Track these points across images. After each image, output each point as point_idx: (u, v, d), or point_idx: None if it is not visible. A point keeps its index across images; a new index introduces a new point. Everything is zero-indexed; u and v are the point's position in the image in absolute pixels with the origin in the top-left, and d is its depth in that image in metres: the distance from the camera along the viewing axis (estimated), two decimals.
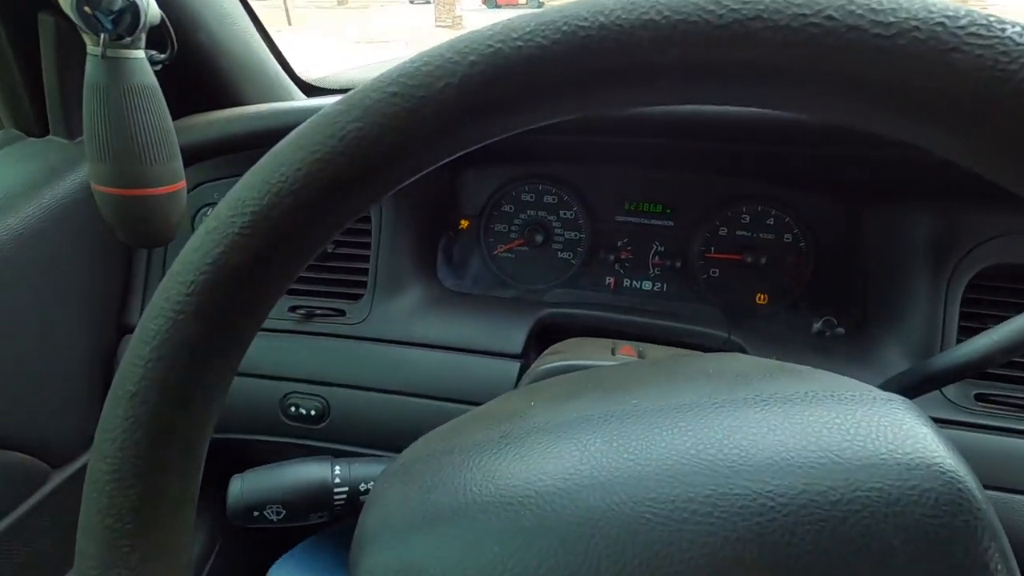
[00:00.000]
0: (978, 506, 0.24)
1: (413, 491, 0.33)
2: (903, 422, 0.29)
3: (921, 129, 0.19)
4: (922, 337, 0.67)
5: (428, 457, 0.34)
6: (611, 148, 0.77)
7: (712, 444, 0.27)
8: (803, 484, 0.25)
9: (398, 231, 0.76)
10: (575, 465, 0.27)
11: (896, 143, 0.59)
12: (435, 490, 0.31)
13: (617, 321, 0.75)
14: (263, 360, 0.74)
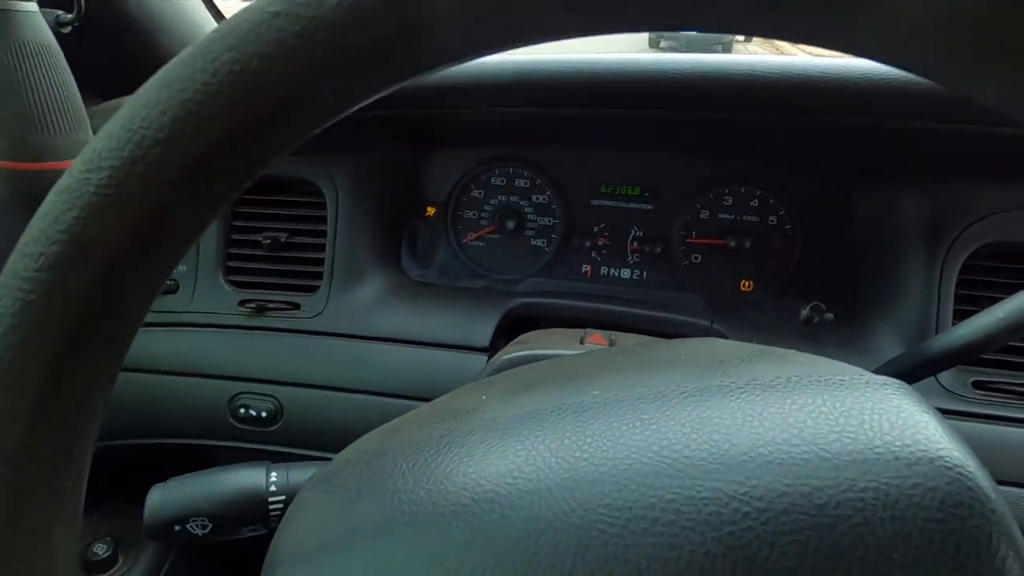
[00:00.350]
0: (992, 507, 0.21)
1: (335, 502, 0.29)
2: (900, 409, 0.25)
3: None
4: (916, 321, 0.62)
5: (358, 461, 0.30)
6: (585, 127, 0.72)
7: (678, 439, 0.23)
8: (784, 484, 0.21)
9: (357, 218, 0.71)
10: (520, 467, 0.24)
11: (888, 112, 0.56)
12: (359, 500, 0.27)
13: (592, 311, 0.70)
14: (209, 358, 0.69)
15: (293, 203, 0.72)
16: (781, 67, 0.50)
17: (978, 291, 0.62)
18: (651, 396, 0.28)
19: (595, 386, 0.31)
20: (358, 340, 0.68)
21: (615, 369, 0.34)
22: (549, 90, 0.55)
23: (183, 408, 0.69)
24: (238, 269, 0.72)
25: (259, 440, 0.68)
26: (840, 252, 0.73)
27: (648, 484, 0.22)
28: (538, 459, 0.25)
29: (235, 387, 0.68)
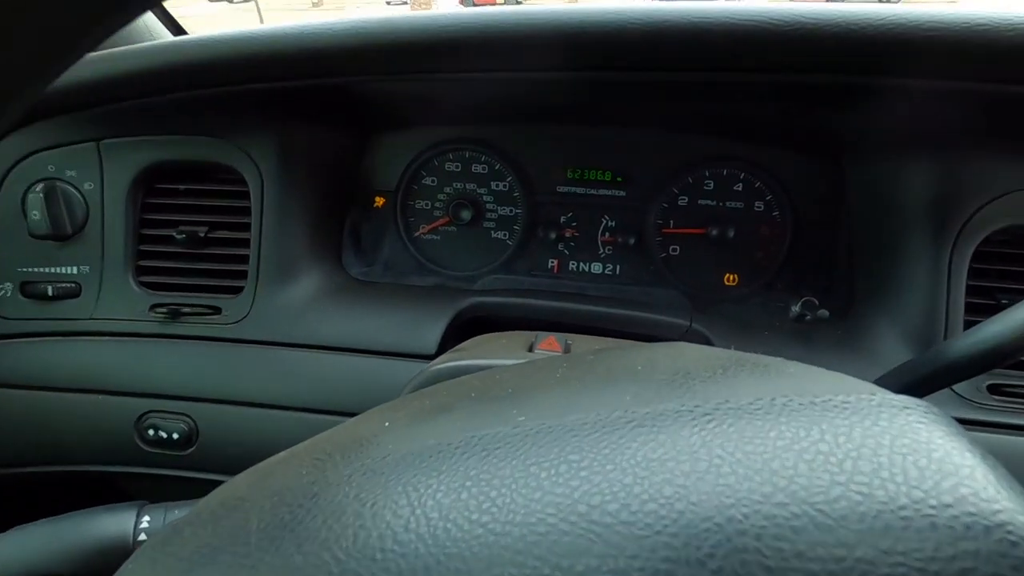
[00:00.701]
0: None
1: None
2: (932, 446, 0.18)
3: None
4: (922, 318, 0.54)
5: (206, 518, 0.24)
6: (549, 101, 0.63)
7: (614, 494, 0.18)
8: (765, 570, 0.15)
9: (288, 208, 0.62)
10: (395, 535, 0.18)
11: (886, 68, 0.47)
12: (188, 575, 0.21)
13: (556, 310, 0.61)
14: (115, 372, 0.59)
15: (212, 193, 0.63)
16: (763, 14, 0.41)
17: (993, 282, 0.55)
18: (589, 425, 0.21)
19: (523, 410, 0.23)
20: (287, 348, 0.59)
21: (553, 385, 0.26)
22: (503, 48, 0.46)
23: (83, 430, 0.59)
24: (150, 268, 0.63)
25: (173, 466, 0.59)
26: (835, 240, 0.65)
27: (566, 568, 0.16)
28: (421, 523, 0.18)
29: (144, 404, 0.59)
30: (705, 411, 0.21)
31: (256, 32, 0.51)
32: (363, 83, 0.53)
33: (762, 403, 0.21)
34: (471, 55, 0.48)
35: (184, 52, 0.53)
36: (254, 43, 0.50)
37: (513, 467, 0.20)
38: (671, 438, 0.20)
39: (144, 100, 0.56)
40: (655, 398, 0.23)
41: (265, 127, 0.59)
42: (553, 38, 0.43)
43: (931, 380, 0.36)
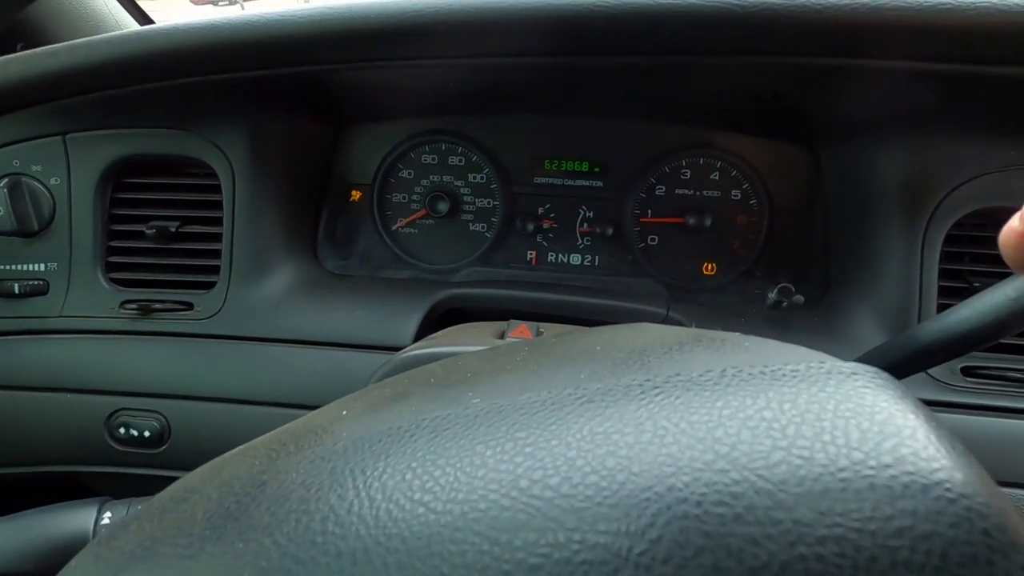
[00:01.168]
0: (1021, 560, 0.14)
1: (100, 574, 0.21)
2: (876, 409, 0.18)
3: None
4: (896, 302, 0.55)
5: (153, 512, 0.23)
6: (524, 91, 0.63)
7: (557, 468, 0.17)
8: (703, 536, 0.15)
9: (260, 202, 0.61)
10: (337, 517, 0.18)
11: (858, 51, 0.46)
12: (126, 569, 0.20)
13: (532, 301, 0.61)
14: (84, 370, 0.58)
15: (183, 187, 0.62)
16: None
17: (966, 265, 0.55)
18: (539, 403, 0.21)
19: (479, 392, 0.23)
20: (261, 343, 0.58)
21: (512, 367, 0.26)
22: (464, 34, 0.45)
23: (52, 429, 0.58)
24: (120, 265, 0.61)
25: (144, 464, 0.58)
26: (810, 227, 0.65)
27: (504, 542, 0.16)
28: (364, 505, 0.18)
29: (114, 403, 0.57)
30: (655, 384, 0.21)
31: (221, 20, 0.50)
32: (332, 72, 0.53)
33: (712, 375, 0.21)
34: (435, 41, 0.47)
35: (149, 41, 0.52)
36: (219, 31, 0.50)
37: (460, 447, 0.20)
38: (619, 412, 0.20)
39: (110, 92, 0.55)
40: (609, 375, 0.22)
41: (235, 119, 0.59)
42: (515, 23, 0.42)
43: (903, 364, 0.35)
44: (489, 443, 0.19)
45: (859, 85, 0.48)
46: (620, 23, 0.43)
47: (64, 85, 0.55)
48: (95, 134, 0.59)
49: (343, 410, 0.26)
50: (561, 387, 0.21)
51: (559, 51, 0.45)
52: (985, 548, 0.14)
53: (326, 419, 0.26)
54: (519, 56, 0.47)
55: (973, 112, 0.51)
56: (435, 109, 0.68)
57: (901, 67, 0.43)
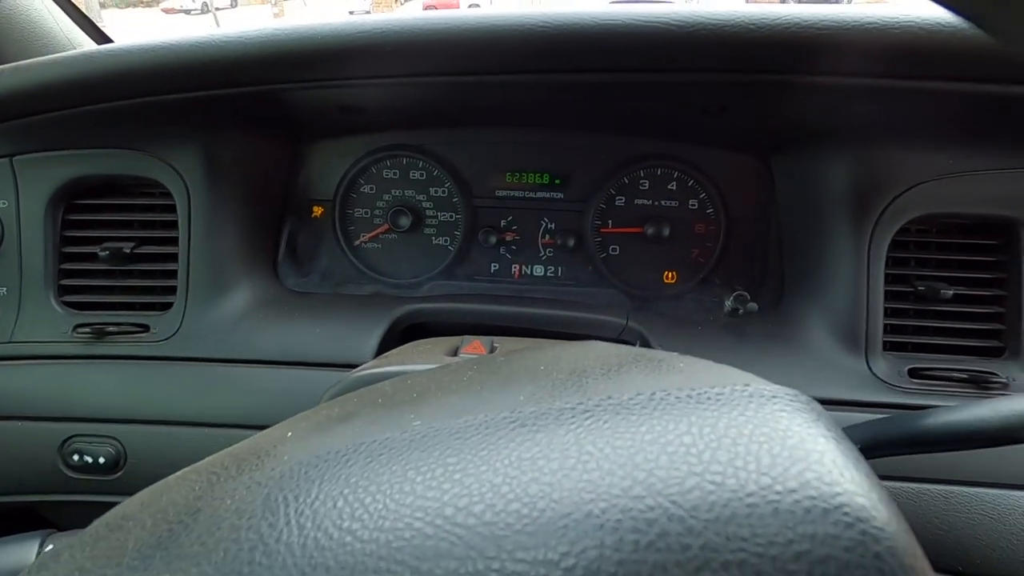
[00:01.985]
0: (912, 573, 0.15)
1: None
2: (789, 434, 0.18)
3: None
4: (846, 307, 0.56)
5: (88, 539, 0.22)
6: (481, 106, 0.63)
7: (482, 495, 0.18)
8: (614, 563, 0.15)
9: (217, 221, 0.60)
10: (268, 546, 0.18)
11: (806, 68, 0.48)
12: None
13: (494, 314, 0.61)
14: (35, 397, 0.57)
15: (138, 207, 0.61)
16: (680, 18, 0.42)
17: (911, 269, 0.57)
18: (474, 427, 0.21)
19: (420, 414, 0.23)
20: (219, 364, 0.57)
21: (456, 388, 0.26)
22: (408, 54, 0.46)
23: (2, 458, 0.57)
24: (73, 288, 0.60)
25: (100, 491, 0.57)
26: (765, 235, 0.67)
27: (426, 571, 0.16)
28: (293, 534, 0.18)
29: (67, 429, 0.56)
30: (586, 408, 0.21)
31: (171, 41, 0.49)
32: (285, 91, 0.53)
33: (642, 398, 0.21)
34: (386, 61, 0.47)
35: (97, 63, 0.51)
36: (169, 53, 0.49)
37: (392, 472, 0.20)
38: (548, 436, 0.20)
39: (59, 113, 0.55)
40: (546, 397, 0.23)
41: (189, 138, 0.58)
42: (461, 43, 0.43)
43: (901, 445, 0.34)
44: (420, 469, 0.19)
45: (797, 98, 0.49)
46: (564, 43, 0.44)
47: (11, 108, 0.54)
48: (44, 155, 0.58)
49: (288, 431, 0.26)
50: (498, 410, 0.22)
51: (507, 70, 0.46)
52: (876, 571, 0.15)
53: (270, 441, 0.25)
54: (468, 75, 0.47)
55: (911, 124, 0.53)
56: (395, 124, 0.69)
57: (832, 82, 0.44)
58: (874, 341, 0.55)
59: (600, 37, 0.42)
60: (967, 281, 0.56)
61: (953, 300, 0.55)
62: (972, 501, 0.51)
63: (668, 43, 0.42)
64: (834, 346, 0.56)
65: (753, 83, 0.47)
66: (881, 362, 0.55)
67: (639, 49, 0.43)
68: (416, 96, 0.58)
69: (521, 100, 0.59)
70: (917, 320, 0.56)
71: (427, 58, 0.45)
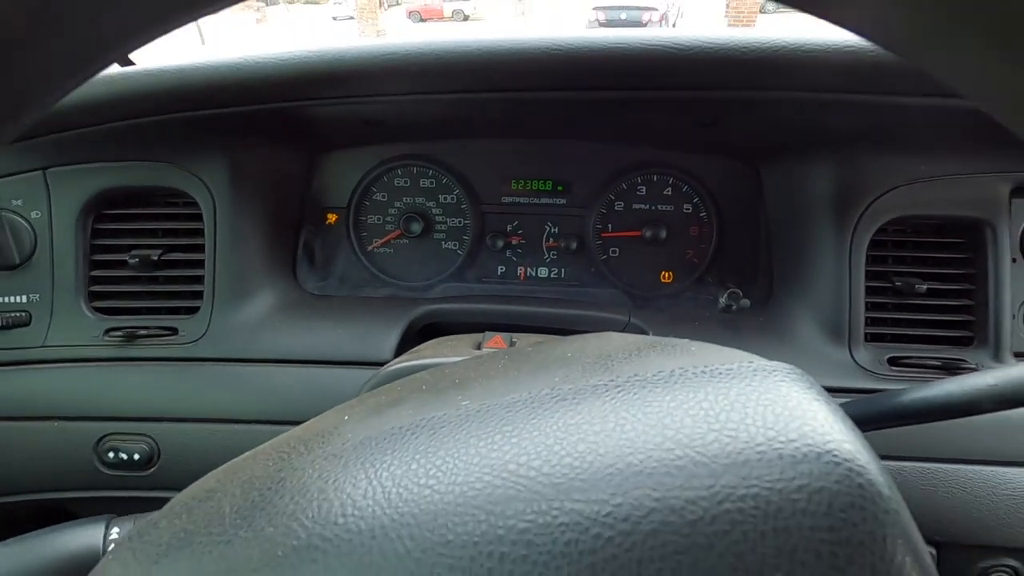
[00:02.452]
0: (886, 506, 0.18)
1: (139, 564, 0.24)
2: (788, 398, 0.22)
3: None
4: (830, 301, 0.61)
5: (179, 509, 0.27)
6: (490, 117, 0.67)
7: (539, 453, 0.21)
8: (654, 500, 0.19)
9: (241, 228, 0.64)
10: (355, 502, 0.21)
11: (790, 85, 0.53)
12: (164, 559, 0.23)
13: (504, 313, 0.65)
14: (70, 398, 0.60)
15: (164, 216, 0.64)
16: (677, 41, 0.47)
17: (889, 266, 0.62)
18: (521, 402, 0.25)
19: (467, 395, 0.27)
20: (245, 364, 0.61)
21: (495, 374, 0.30)
22: (433, 73, 0.50)
23: (40, 457, 0.59)
24: (103, 294, 0.63)
25: (134, 487, 0.60)
26: (756, 237, 0.71)
27: (498, 513, 0.19)
28: (377, 491, 0.21)
29: (102, 428, 0.59)
30: (617, 384, 0.25)
31: (200, 63, 0.53)
32: (304, 107, 0.56)
33: (663, 374, 0.25)
34: (402, 80, 0.52)
35: (132, 82, 0.55)
36: (199, 74, 0.53)
37: (456, 440, 0.23)
38: (588, 407, 0.24)
39: (91, 128, 0.58)
40: (579, 377, 0.26)
41: (215, 151, 0.61)
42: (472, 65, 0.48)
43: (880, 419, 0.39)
44: (481, 436, 0.23)
45: (779, 111, 0.54)
46: (576, 63, 0.48)
47: (46, 124, 0.57)
48: (76, 168, 0.61)
49: (344, 415, 0.30)
50: (539, 388, 0.26)
51: (520, 88, 0.50)
52: (859, 497, 0.19)
53: (329, 424, 0.29)
54: (483, 92, 0.51)
55: (887, 134, 0.58)
56: (406, 135, 0.72)
57: (811, 97, 0.49)
58: (856, 333, 0.60)
59: (607, 59, 0.46)
60: (940, 276, 0.61)
61: (927, 294, 0.60)
62: (948, 476, 0.55)
63: (665, 64, 0.46)
64: (820, 337, 0.61)
65: (740, 99, 0.52)
66: (863, 352, 0.60)
67: (640, 70, 0.47)
68: (431, 109, 0.62)
69: (527, 113, 0.63)
70: (895, 313, 0.61)
71: (449, 77, 0.49)
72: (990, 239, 0.59)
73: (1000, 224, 0.58)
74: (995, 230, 0.58)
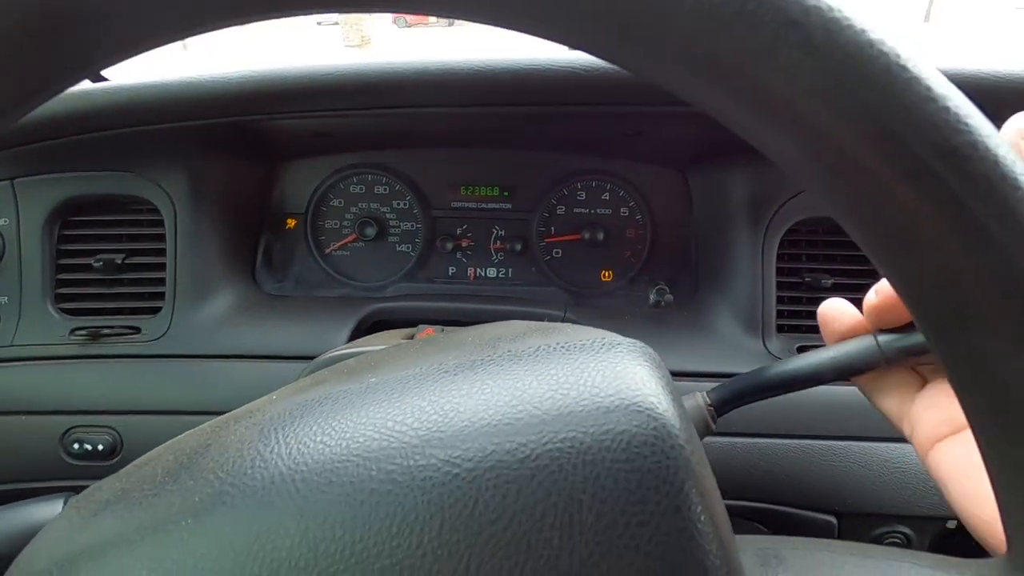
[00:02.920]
0: (673, 443, 0.22)
1: (79, 518, 0.28)
2: (618, 365, 0.27)
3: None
4: (747, 297, 0.67)
5: (121, 475, 0.31)
6: (439, 129, 0.73)
7: (412, 413, 0.25)
8: (494, 444, 0.23)
9: (201, 234, 0.68)
10: (262, 456, 0.25)
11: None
12: (101, 512, 0.27)
13: (449, 310, 0.70)
14: (38, 393, 0.63)
15: (128, 222, 0.68)
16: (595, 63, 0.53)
17: (798, 264, 0.68)
18: (411, 376, 0.29)
19: (376, 373, 0.31)
20: (205, 359, 0.65)
21: (404, 356, 0.34)
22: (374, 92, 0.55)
23: (7, 449, 0.63)
24: (69, 296, 0.67)
25: (97, 475, 0.63)
26: (685, 237, 0.77)
27: (372, 458, 0.23)
28: (281, 447, 0.25)
29: (68, 421, 0.63)
30: (492, 359, 0.30)
31: (169, 80, 0.58)
32: (265, 121, 0.61)
33: (531, 350, 0.30)
34: (354, 97, 0.57)
35: (95, 99, 0.59)
36: (167, 90, 0.57)
37: (353, 407, 0.28)
38: (463, 378, 0.28)
39: (58, 141, 0.62)
40: (466, 355, 0.31)
41: (176, 161, 0.66)
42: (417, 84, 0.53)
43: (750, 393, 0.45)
44: (373, 404, 0.27)
45: (694, 124, 0.60)
46: (505, 83, 0.53)
47: (15, 136, 0.61)
48: (43, 178, 0.65)
49: (273, 396, 0.35)
50: (430, 365, 0.30)
51: (451, 103, 0.56)
52: (653, 436, 0.24)
53: (260, 404, 0.33)
54: (429, 107, 0.57)
55: None
56: (360, 146, 0.77)
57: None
58: (769, 324, 0.66)
59: (534, 79, 0.52)
60: (845, 272, 0.67)
61: (832, 289, 0.65)
62: (848, 452, 0.61)
63: (585, 83, 0.52)
64: (738, 329, 0.67)
65: (657, 113, 0.57)
66: (775, 341, 0.65)
67: (563, 88, 0.53)
68: (380, 123, 0.67)
69: (471, 126, 0.68)
70: (806, 306, 0.67)
71: (395, 94, 0.54)
72: None
73: None
74: None
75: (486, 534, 0.22)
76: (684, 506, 0.22)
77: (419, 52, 0.57)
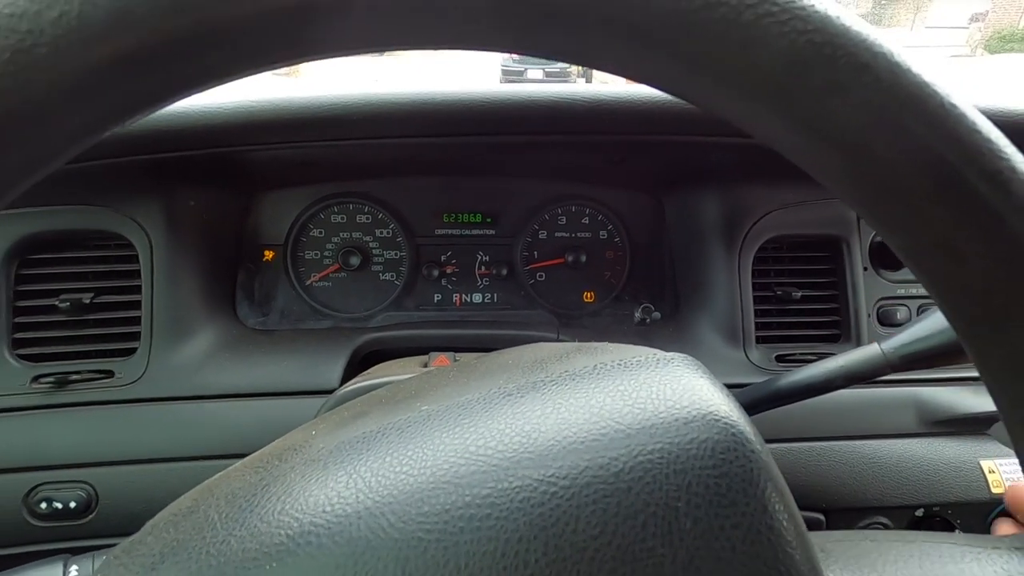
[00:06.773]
0: (752, 448, 0.24)
1: (133, 574, 0.25)
2: (681, 378, 0.28)
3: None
4: (725, 310, 0.71)
5: (165, 524, 0.28)
6: (420, 157, 0.73)
7: (493, 436, 0.25)
8: (586, 460, 0.23)
9: (178, 269, 0.64)
10: (339, 493, 0.24)
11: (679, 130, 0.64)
12: (160, 565, 0.25)
13: (444, 337, 0.70)
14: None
15: (95, 259, 0.64)
16: (583, 96, 0.55)
17: (771, 279, 0.73)
18: (473, 401, 0.29)
19: (425, 401, 0.31)
20: (188, 401, 0.61)
21: (446, 383, 0.34)
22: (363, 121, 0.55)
23: None
24: (28, 340, 0.62)
25: (69, 537, 0.58)
26: (662, 257, 0.81)
27: (464, 484, 0.23)
28: (359, 482, 0.24)
29: (32, 479, 0.57)
30: (552, 379, 0.30)
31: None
32: (239, 152, 0.60)
33: (588, 369, 0.31)
34: (335, 127, 0.57)
35: None
36: (142, 121, 0.55)
37: (422, 436, 0.28)
38: (530, 399, 0.29)
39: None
40: (520, 378, 0.32)
41: (150, 193, 0.63)
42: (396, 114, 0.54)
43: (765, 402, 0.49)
44: (443, 430, 0.27)
45: (671, 152, 0.64)
46: (490, 113, 0.55)
47: None
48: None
49: (311, 432, 0.33)
50: (488, 389, 0.30)
51: (450, 133, 0.57)
52: (733, 442, 0.25)
53: (298, 440, 0.32)
54: (414, 137, 0.57)
55: (757, 168, 0.69)
56: (341, 175, 0.76)
57: (695, 140, 0.60)
58: (748, 336, 0.70)
59: (523, 109, 0.54)
60: (811, 285, 0.73)
61: (802, 300, 0.71)
62: (831, 452, 0.66)
63: (577, 114, 0.55)
64: (720, 341, 0.71)
65: (639, 142, 0.61)
66: (755, 351, 0.70)
67: (555, 118, 0.55)
68: (365, 152, 0.66)
69: (455, 154, 0.69)
70: (779, 317, 0.72)
71: (383, 125, 0.55)
72: (846, 252, 0.71)
73: (852, 239, 0.71)
74: (849, 245, 0.71)
75: (591, 549, 0.23)
76: (769, 506, 0.23)
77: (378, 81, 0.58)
